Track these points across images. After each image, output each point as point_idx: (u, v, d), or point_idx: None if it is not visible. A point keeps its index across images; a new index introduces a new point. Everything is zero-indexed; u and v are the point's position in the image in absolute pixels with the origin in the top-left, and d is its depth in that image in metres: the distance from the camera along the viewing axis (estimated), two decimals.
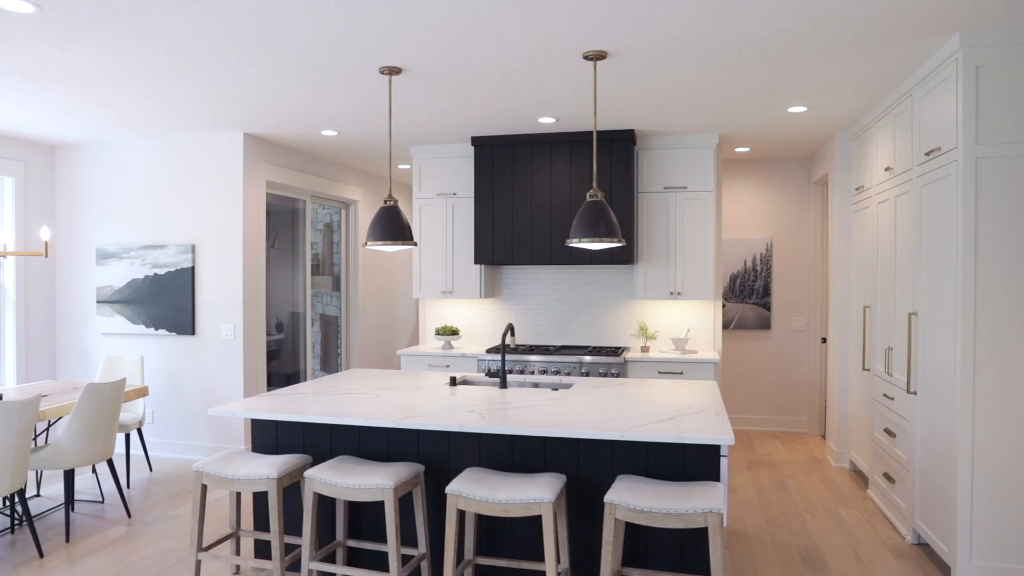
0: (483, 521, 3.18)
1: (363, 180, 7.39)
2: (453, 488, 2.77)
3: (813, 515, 4.22)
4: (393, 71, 3.70)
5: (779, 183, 6.48)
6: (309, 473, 2.96)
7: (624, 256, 5.27)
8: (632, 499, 2.64)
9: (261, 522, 3.45)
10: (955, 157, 3.19)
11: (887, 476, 4.17)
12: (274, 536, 2.98)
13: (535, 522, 3.11)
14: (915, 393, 3.69)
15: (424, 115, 4.75)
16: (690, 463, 2.95)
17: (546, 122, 4.95)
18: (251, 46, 3.37)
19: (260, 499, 3.45)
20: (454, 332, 5.79)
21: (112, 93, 4.18)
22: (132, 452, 5.63)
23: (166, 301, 5.44)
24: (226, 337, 5.35)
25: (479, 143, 5.50)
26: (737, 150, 6.02)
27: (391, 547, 2.84)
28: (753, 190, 6.54)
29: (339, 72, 3.77)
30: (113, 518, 4.18)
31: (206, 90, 4.13)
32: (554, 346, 5.70)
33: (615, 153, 5.27)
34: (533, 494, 2.68)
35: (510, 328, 3.80)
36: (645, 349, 5.45)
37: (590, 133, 5.25)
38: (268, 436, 3.44)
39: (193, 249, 5.40)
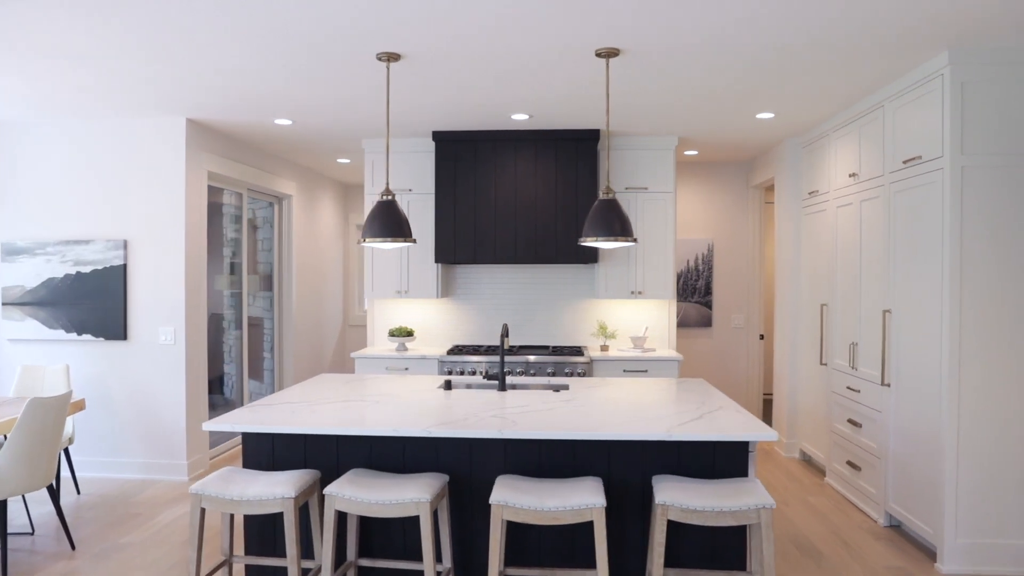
0: (507, 529, 3.05)
1: (298, 174, 6.97)
2: (498, 498, 2.63)
3: (787, 504, 4.41)
4: (392, 57, 3.48)
5: (720, 186, 6.74)
6: (330, 490, 2.72)
7: (589, 255, 5.28)
8: (683, 499, 2.62)
9: (255, 546, 3.13)
10: (940, 166, 3.43)
11: (851, 464, 4.43)
12: (291, 562, 2.70)
13: (564, 528, 3.02)
14: (888, 385, 3.94)
15: (396, 107, 4.52)
16: (721, 460, 2.98)
17: (519, 119, 4.86)
18: (246, 24, 3.04)
19: (254, 521, 3.13)
20: (409, 333, 5.57)
21: (50, 66, 3.65)
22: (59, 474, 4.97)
23: (91, 303, 4.85)
24: (165, 342, 4.84)
25: (441, 138, 5.32)
26: (686, 153, 6.19)
27: (427, 565, 2.66)
28: (696, 192, 6.77)
29: (332, 56, 3.50)
30: (53, 551, 3.66)
31: (162, 69, 3.70)
32: (516, 346, 5.62)
33: (580, 152, 5.27)
34: (585, 499, 2.60)
35: (506, 330, 3.69)
36: (605, 348, 5.49)
37: (557, 132, 5.22)
38: (263, 451, 3.13)
39: (125, 245, 4.84)
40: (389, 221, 3.48)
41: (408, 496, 2.66)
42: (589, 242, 3.41)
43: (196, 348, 5.00)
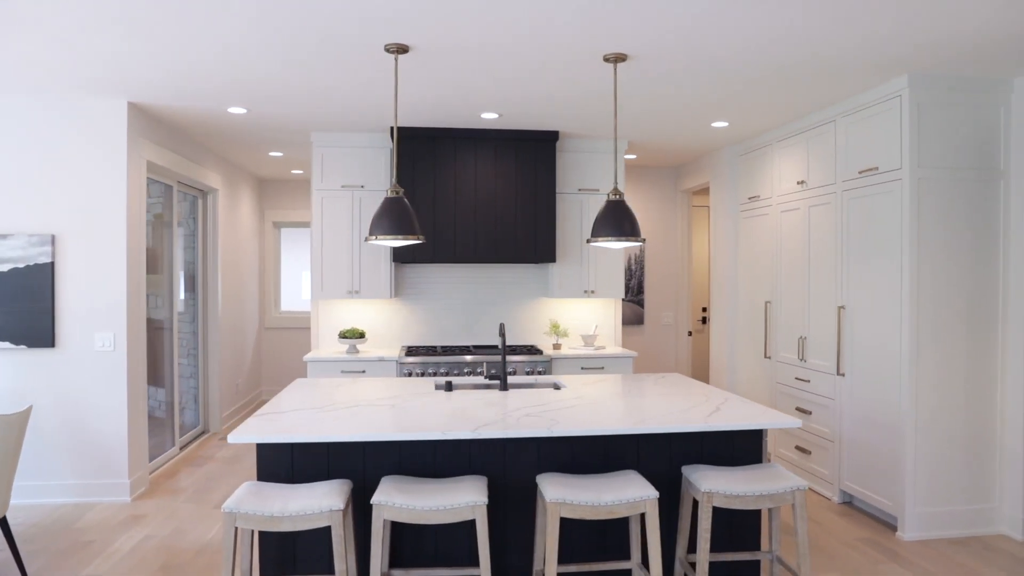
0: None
1: (223, 167, 6.50)
2: (555, 496, 2.64)
3: None
4: (401, 49, 3.37)
5: (651, 190, 7.07)
6: (378, 499, 2.61)
7: (547, 255, 5.36)
8: (726, 486, 2.76)
9: (271, 567, 2.92)
10: (899, 176, 3.83)
11: (800, 449, 4.83)
12: None
13: (596, 521, 3.08)
14: (843, 375, 4.34)
15: (365, 100, 4.36)
16: (738, 448, 3.16)
17: (488, 117, 4.85)
18: (242, 7, 2.83)
19: (270, 539, 2.92)
20: (361, 335, 5.39)
21: None
22: None
23: (11, 306, 4.27)
24: (102, 348, 4.36)
25: (400, 135, 5.18)
26: (626, 157, 6.44)
27: (484, 570, 2.62)
28: (630, 194, 7.05)
29: (334, 45, 3.32)
30: None
31: (121, 44, 3.33)
32: (475, 346, 5.59)
33: (539, 153, 5.34)
34: (639, 492, 2.67)
35: (502, 329, 3.69)
36: (557, 347, 5.59)
37: (518, 132, 5.26)
38: (282, 462, 2.93)
39: (53, 240, 4.31)
40: (400, 219, 3.36)
41: (463, 500, 2.61)
42: (599, 242, 3.49)
43: (137, 355, 4.55)
